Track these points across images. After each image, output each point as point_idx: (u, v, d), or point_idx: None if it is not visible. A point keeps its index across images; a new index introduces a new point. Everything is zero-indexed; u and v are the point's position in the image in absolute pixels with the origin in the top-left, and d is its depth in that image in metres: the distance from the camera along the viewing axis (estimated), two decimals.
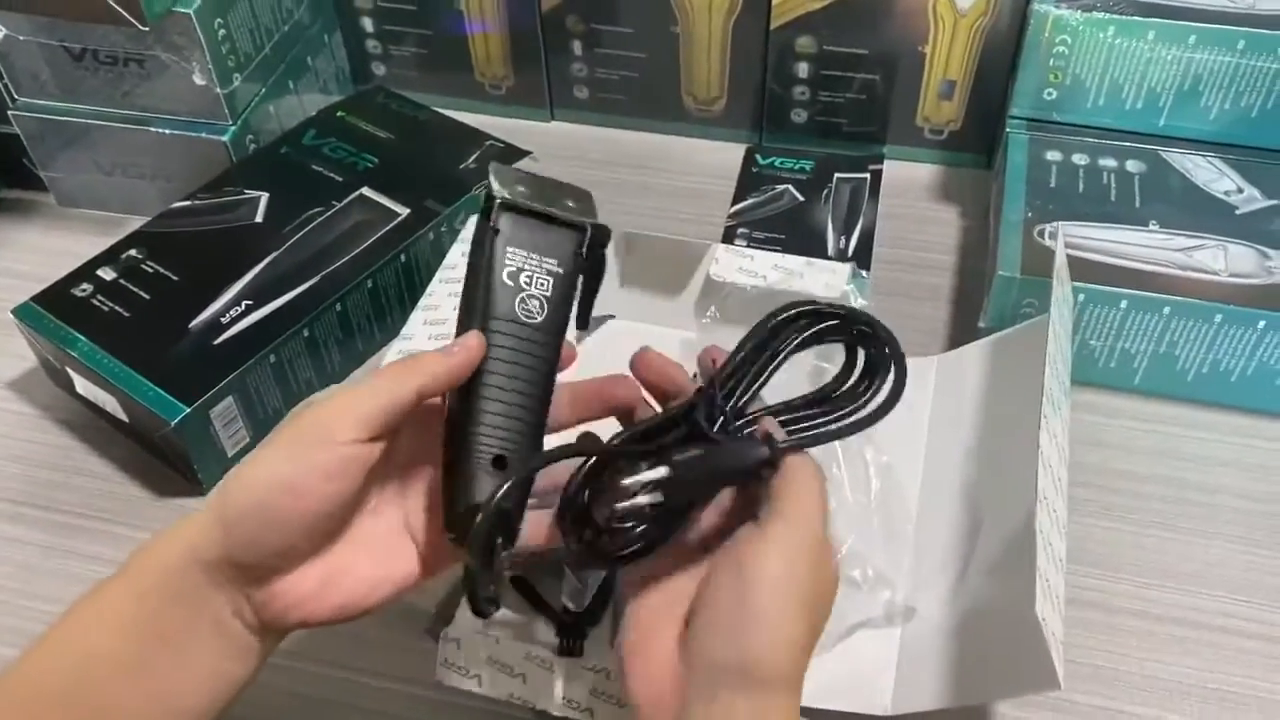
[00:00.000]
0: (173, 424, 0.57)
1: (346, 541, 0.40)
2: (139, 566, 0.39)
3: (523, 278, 0.42)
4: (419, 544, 0.42)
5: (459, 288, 0.60)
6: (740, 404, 0.42)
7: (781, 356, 0.43)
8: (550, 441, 0.43)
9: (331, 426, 0.38)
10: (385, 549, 0.41)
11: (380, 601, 0.41)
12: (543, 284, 0.42)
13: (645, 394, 0.45)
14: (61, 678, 0.38)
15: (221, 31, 0.71)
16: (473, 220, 0.66)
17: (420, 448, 0.43)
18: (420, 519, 0.42)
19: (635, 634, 0.40)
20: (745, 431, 0.41)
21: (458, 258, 0.63)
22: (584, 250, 0.43)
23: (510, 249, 0.42)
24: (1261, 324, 0.59)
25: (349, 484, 0.38)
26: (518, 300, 0.42)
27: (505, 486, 0.39)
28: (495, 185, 0.42)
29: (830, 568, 0.39)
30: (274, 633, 0.40)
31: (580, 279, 0.44)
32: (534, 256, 0.42)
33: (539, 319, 0.42)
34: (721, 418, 0.41)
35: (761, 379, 0.42)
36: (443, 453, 0.41)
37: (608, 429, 0.43)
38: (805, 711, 0.50)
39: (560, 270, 0.43)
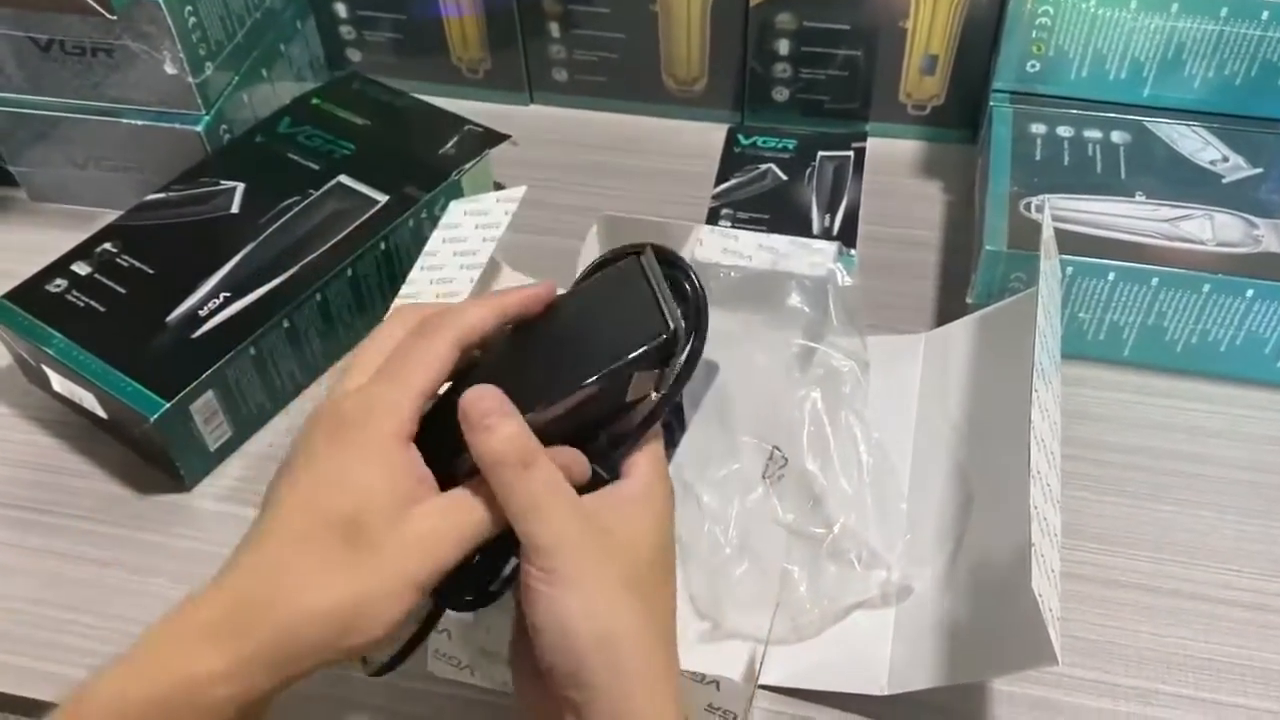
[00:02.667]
0: (152, 419, 0.56)
1: None
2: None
3: None
4: None
5: (440, 274, 0.60)
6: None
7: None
8: None
9: (411, 580, 0.35)
10: None
11: None
12: None
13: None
14: None
15: (192, 19, 0.70)
16: (452, 205, 0.65)
17: None
18: None
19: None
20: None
21: (439, 244, 0.62)
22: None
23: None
24: (1250, 293, 0.59)
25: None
26: None
27: None
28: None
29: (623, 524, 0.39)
30: None
31: None
32: None
33: None
34: None
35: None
36: None
37: None
38: (802, 693, 0.50)
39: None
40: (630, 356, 0.38)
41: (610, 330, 0.39)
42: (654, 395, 0.40)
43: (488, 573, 0.41)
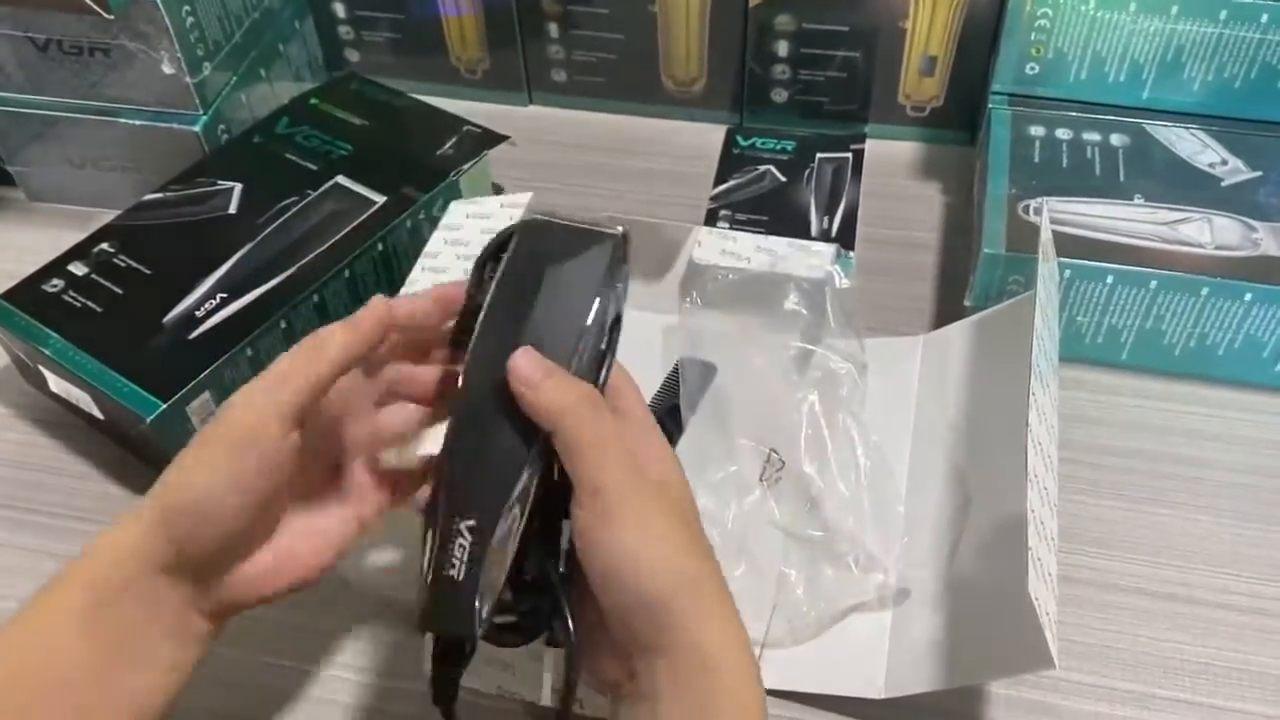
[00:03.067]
0: (148, 420, 0.56)
1: (290, 517, 0.42)
2: (92, 569, 0.39)
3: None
4: (355, 501, 0.44)
5: (442, 278, 0.60)
6: None
7: None
8: None
9: (257, 428, 0.38)
10: (323, 514, 0.43)
11: (326, 566, 0.42)
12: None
13: None
14: (21, 682, 0.38)
15: (189, 19, 0.70)
16: (453, 206, 0.65)
17: (347, 402, 0.44)
18: (352, 476, 0.44)
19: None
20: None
21: (440, 245, 0.62)
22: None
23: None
24: (1248, 296, 0.59)
25: (281, 476, 0.39)
26: None
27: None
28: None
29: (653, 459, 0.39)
30: (229, 614, 0.41)
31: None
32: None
33: None
34: None
35: None
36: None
37: None
38: (799, 696, 0.50)
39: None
40: (609, 271, 0.39)
41: (572, 268, 0.40)
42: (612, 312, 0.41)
43: (543, 566, 0.40)
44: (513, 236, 0.41)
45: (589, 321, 0.39)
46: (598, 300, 0.39)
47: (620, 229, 0.41)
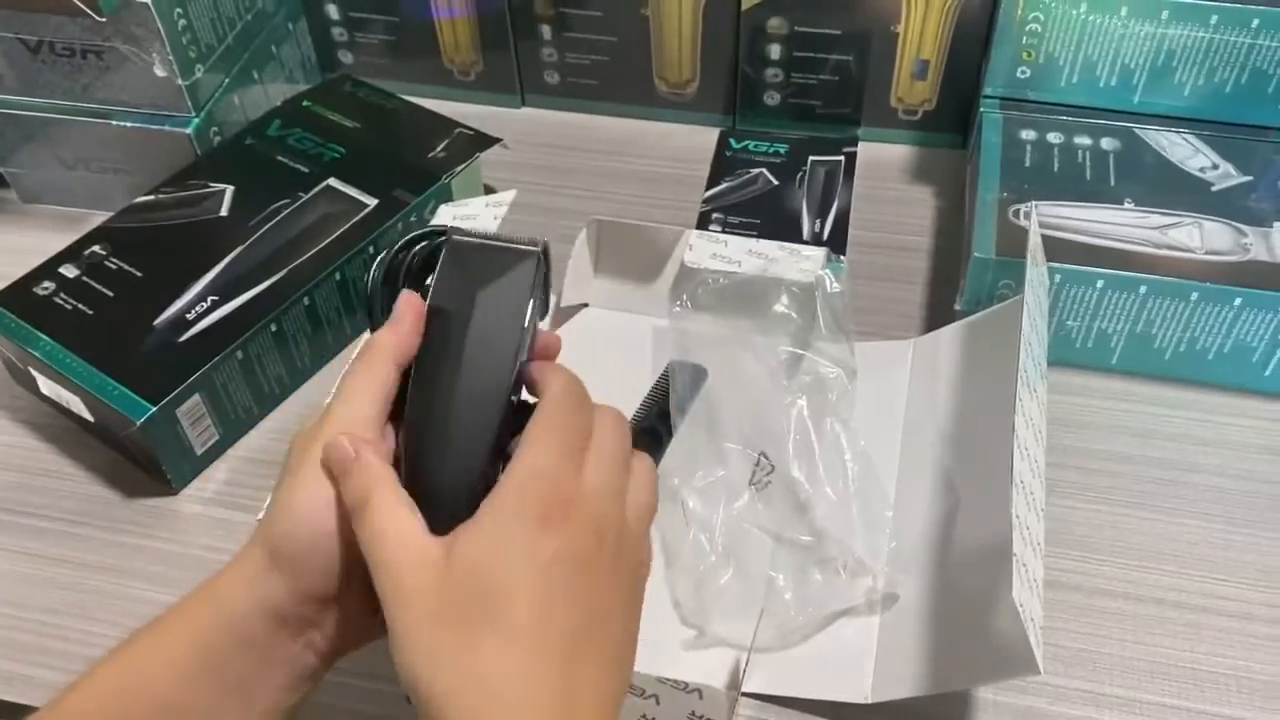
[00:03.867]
0: (138, 423, 0.56)
1: None
2: (201, 611, 0.38)
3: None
4: None
5: None
6: None
7: None
8: None
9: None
10: None
11: None
12: None
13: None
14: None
15: (182, 21, 0.70)
16: (443, 210, 0.65)
17: None
18: None
19: None
20: None
21: None
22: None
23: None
24: (1238, 301, 0.59)
25: None
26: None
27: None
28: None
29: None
30: (340, 654, 0.39)
31: None
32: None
33: None
34: None
35: None
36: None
37: None
38: (786, 700, 0.50)
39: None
40: (535, 286, 0.38)
41: (499, 288, 0.38)
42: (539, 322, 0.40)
43: None
44: (435, 252, 0.40)
45: (523, 347, 0.38)
46: (527, 322, 0.38)
47: (539, 249, 0.39)
